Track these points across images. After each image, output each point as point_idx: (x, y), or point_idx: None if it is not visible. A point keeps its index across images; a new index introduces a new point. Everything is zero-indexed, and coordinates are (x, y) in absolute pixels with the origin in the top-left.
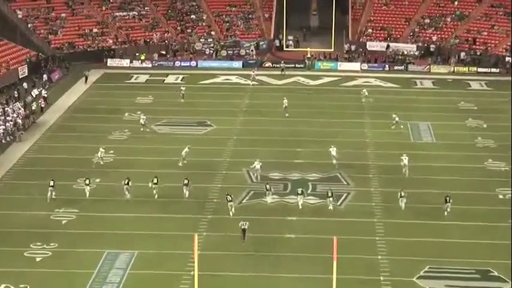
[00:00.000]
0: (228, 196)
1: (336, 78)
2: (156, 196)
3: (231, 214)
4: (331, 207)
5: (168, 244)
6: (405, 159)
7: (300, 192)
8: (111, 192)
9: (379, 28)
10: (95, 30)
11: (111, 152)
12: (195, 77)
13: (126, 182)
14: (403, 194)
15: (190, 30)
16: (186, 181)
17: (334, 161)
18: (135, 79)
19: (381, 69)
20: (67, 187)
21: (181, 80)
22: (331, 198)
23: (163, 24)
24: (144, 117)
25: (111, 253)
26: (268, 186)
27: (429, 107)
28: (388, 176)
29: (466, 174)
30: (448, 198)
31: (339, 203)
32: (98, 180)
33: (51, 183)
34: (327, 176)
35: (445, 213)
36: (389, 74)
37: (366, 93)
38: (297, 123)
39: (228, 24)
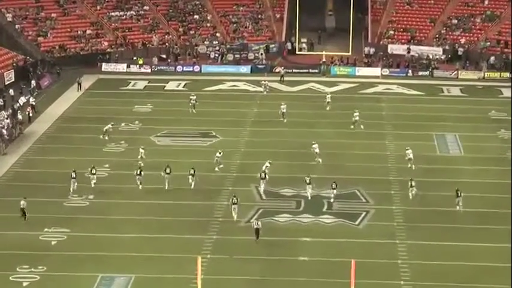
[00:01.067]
0: (234, 198)
1: (353, 85)
2: (167, 186)
3: (234, 217)
4: (332, 200)
5: (169, 267)
6: (410, 154)
7: (308, 181)
8: (106, 209)
9: (402, 29)
10: (88, 31)
11: (106, 166)
12: (198, 84)
13: (138, 172)
14: (413, 183)
15: (193, 32)
16: (192, 171)
17: (318, 159)
18: (133, 86)
19: (404, 74)
20: (57, 204)
21: (183, 87)
22: (335, 191)
23: (164, 25)
24: (110, 125)
25: (105, 277)
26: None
27: (457, 117)
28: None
29: (498, 191)
30: (459, 192)
31: (357, 223)
32: (91, 196)
33: (73, 174)
34: (344, 192)
35: (457, 207)
36: (412, 80)
37: (329, 100)
38: (310, 134)
39: (235, 25)
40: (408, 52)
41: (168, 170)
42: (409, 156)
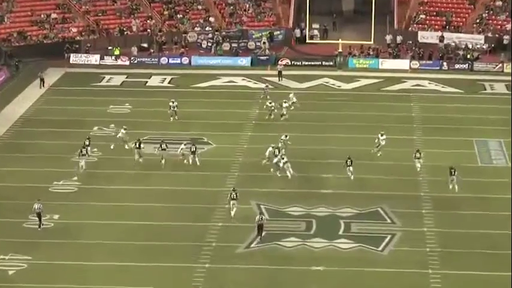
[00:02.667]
0: (234, 193)
1: (376, 81)
2: (163, 161)
3: (232, 214)
4: (352, 177)
5: None
6: (382, 140)
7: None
8: (75, 232)
9: (435, 13)
10: (53, 15)
11: (75, 178)
12: (187, 79)
13: (137, 145)
14: (418, 155)
15: (181, 16)
16: (193, 148)
17: (275, 160)
18: (107, 81)
19: (437, 68)
20: (16, 226)
21: (169, 83)
22: (351, 167)
23: (145, 8)
24: (124, 130)
25: None
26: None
27: (502, 119)
28: (447, 212)
29: None
30: (453, 171)
31: (380, 248)
32: (56, 216)
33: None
34: (364, 211)
35: (450, 186)
36: (448, 75)
37: (294, 99)
38: (324, 140)
39: (232, 8)
40: (442, 41)
41: (163, 146)
42: (381, 142)
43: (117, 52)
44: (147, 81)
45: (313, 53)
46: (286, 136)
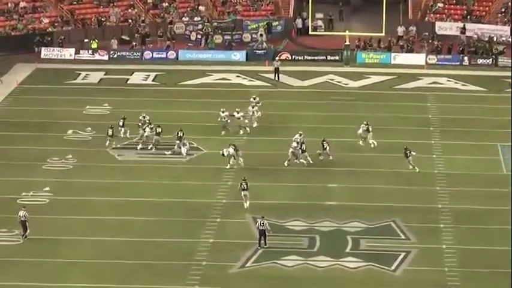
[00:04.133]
0: (243, 183)
1: (388, 78)
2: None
3: (246, 206)
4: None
5: None
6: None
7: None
8: (46, 251)
9: (455, 1)
10: (22, 4)
11: (46, 189)
12: (174, 76)
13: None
14: (409, 153)
15: (167, 5)
16: (181, 133)
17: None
18: (83, 78)
19: (458, 63)
20: None
21: (153, 80)
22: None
23: None
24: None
25: None
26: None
27: None
28: (469, 227)
29: None
30: (408, 152)
31: (393, 268)
32: (25, 235)
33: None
34: (374, 225)
35: (410, 166)
36: (469, 71)
37: (257, 100)
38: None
39: None
40: (463, 32)
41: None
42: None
43: (94, 45)
44: (128, 79)
45: (316, 46)
46: (300, 135)
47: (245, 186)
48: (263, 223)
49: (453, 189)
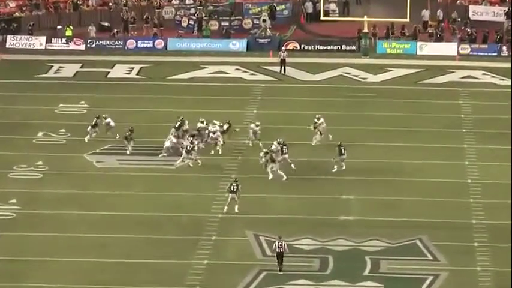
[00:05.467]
0: (234, 184)
1: (413, 71)
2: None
3: (224, 210)
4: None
5: None
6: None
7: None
8: (12, 272)
9: None
10: None
11: (13, 201)
12: (162, 69)
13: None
14: (343, 151)
15: None
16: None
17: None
18: (56, 72)
19: (495, 54)
20: None
21: (137, 74)
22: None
23: None
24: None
25: None
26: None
27: None
28: (507, 246)
29: None
30: (342, 149)
31: None
32: None
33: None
34: (397, 244)
35: (335, 167)
36: (508, 63)
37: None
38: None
39: None
40: (510, 17)
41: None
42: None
43: (69, 33)
44: (108, 72)
45: (329, 34)
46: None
47: (235, 188)
48: (281, 245)
49: (489, 202)
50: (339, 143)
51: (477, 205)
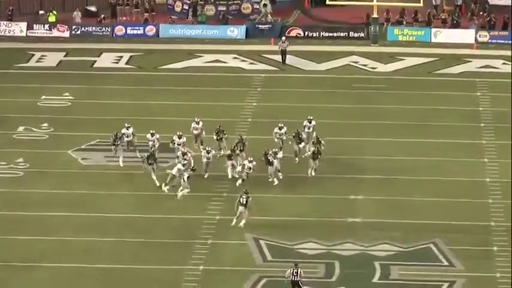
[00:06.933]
0: (244, 196)
1: (427, 60)
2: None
3: (233, 223)
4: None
5: None
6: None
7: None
8: None
9: None
10: None
11: None
12: (154, 57)
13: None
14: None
15: None
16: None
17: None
18: (38, 61)
19: None
20: None
21: (126, 63)
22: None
23: None
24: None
25: None
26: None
27: None
28: None
29: None
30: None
31: None
32: None
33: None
34: (409, 249)
35: (296, 159)
36: None
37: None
38: (351, 146)
39: None
40: None
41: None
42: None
43: (52, 19)
44: (95, 61)
45: (336, 19)
46: (280, 129)
47: (244, 200)
48: (296, 272)
49: (509, 203)
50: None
51: (496, 206)
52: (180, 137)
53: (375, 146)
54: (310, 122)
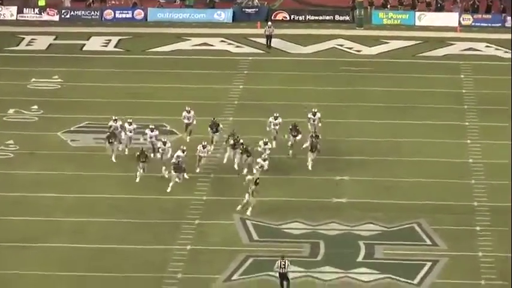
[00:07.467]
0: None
1: (411, 43)
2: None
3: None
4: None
5: None
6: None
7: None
8: None
9: None
10: None
11: None
12: (142, 41)
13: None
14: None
15: None
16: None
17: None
18: (28, 44)
19: (499, 24)
20: None
21: (115, 47)
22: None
23: None
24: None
25: None
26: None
27: None
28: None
29: None
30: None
31: (416, 281)
32: None
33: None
34: (393, 228)
35: (290, 152)
36: None
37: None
38: (336, 128)
39: None
40: None
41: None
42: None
43: (42, 3)
44: (84, 44)
45: (321, 3)
46: (276, 118)
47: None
48: (284, 264)
49: (492, 183)
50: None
51: (479, 186)
52: (152, 130)
53: (360, 127)
54: (314, 115)
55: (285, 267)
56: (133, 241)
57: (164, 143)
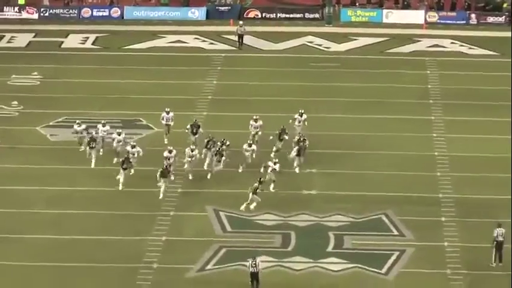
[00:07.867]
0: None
1: (379, 40)
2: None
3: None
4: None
5: None
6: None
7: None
8: None
9: None
10: None
11: None
12: (119, 38)
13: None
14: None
15: None
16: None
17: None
18: (8, 42)
19: (463, 22)
20: None
21: (93, 44)
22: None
23: None
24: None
25: None
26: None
27: None
28: (476, 221)
29: None
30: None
31: (384, 270)
32: None
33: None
34: (361, 219)
35: (272, 154)
36: (477, 32)
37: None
38: (307, 121)
39: None
40: None
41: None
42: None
43: (21, 1)
44: (62, 42)
45: (292, 1)
46: (256, 121)
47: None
48: (255, 263)
49: (457, 175)
50: (282, 127)
51: (444, 178)
52: (104, 125)
53: (330, 121)
54: (301, 116)
55: (256, 267)
56: (110, 232)
57: (133, 147)
